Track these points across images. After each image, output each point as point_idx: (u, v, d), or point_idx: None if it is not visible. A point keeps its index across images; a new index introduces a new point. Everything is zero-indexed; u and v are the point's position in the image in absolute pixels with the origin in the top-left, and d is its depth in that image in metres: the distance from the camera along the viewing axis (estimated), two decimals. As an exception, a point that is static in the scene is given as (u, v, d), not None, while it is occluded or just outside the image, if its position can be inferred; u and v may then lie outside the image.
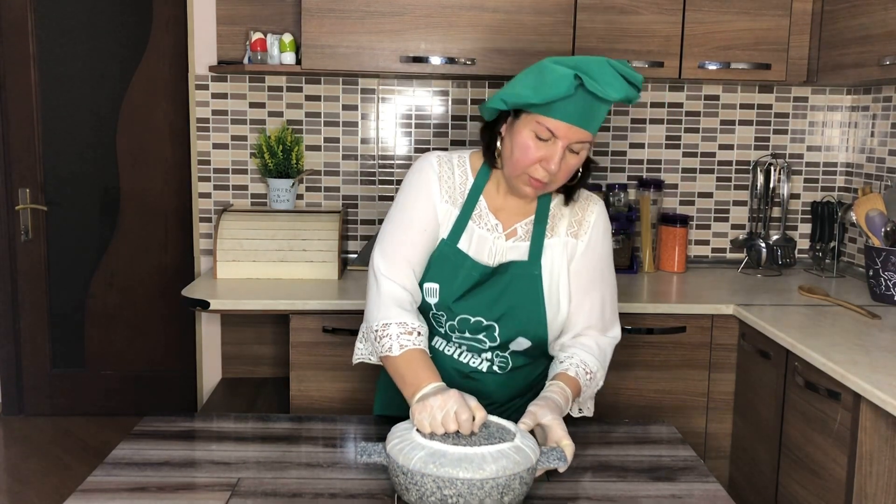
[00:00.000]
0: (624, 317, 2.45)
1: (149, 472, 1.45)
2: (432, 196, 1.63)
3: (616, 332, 1.71)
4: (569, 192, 1.65)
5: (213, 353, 3.08)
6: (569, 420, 1.65)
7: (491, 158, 1.63)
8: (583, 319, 1.65)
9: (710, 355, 2.50)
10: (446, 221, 1.64)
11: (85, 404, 3.76)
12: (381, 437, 1.60)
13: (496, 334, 1.64)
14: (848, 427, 1.85)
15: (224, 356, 3.08)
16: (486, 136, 1.63)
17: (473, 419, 1.35)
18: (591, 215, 1.67)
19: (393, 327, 1.56)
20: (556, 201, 1.66)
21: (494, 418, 1.41)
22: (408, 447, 1.29)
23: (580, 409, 1.70)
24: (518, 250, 1.64)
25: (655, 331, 2.48)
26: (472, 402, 1.38)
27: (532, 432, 1.45)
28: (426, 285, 1.64)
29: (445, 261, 1.63)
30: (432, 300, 1.64)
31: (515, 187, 1.58)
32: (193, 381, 3.54)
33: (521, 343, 1.65)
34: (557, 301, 1.64)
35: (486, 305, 1.61)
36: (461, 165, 1.67)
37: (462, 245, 1.63)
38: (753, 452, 2.37)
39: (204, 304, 2.44)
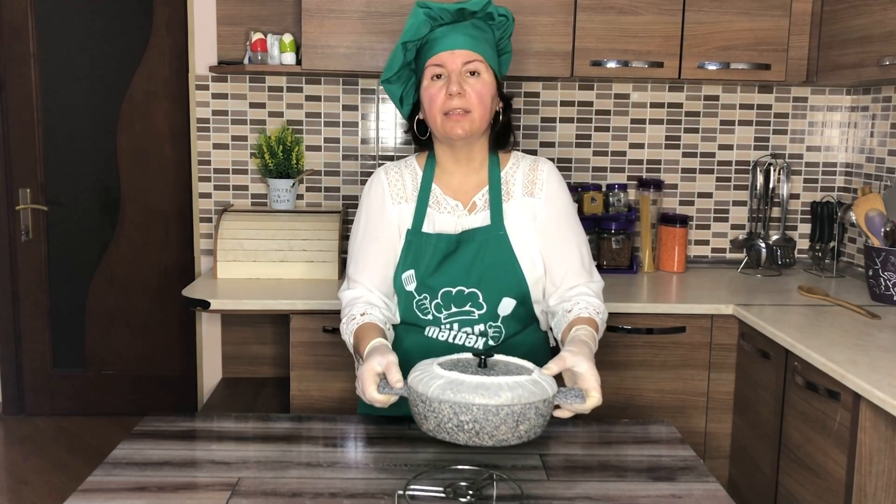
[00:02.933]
0: (624, 317, 2.47)
1: (149, 472, 1.45)
2: (381, 204, 1.76)
3: (599, 278, 1.77)
4: (498, 138, 1.75)
5: (213, 353, 3.08)
6: (567, 419, 1.65)
7: (419, 141, 1.76)
8: (565, 271, 1.72)
9: (709, 355, 2.50)
10: (406, 218, 1.74)
11: (85, 404, 3.76)
12: (379, 437, 1.61)
13: (481, 300, 1.69)
14: (848, 427, 1.85)
15: (224, 356, 3.08)
16: (409, 126, 1.77)
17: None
18: (542, 173, 1.76)
19: (343, 327, 1.71)
20: (507, 168, 1.76)
21: (516, 359, 1.44)
22: (427, 377, 1.33)
23: None
24: (481, 219, 1.73)
25: (655, 331, 2.48)
26: (391, 361, 1.45)
27: (560, 377, 1.48)
28: (404, 275, 1.71)
29: (413, 246, 1.72)
30: (411, 286, 1.71)
31: (447, 135, 1.67)
32: (193, 381, 3.54)
33: (508, 305, 1.70)
34: (531, 259, 1.71)
35: (463, 273, 1.68)
36: (409, 166, 1.79)
37: (426, 229, 1.73)
38: (753, 452, 2.37)
39: (204, 304, 2.44)
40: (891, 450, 1.80)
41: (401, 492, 1.36)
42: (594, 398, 1.40)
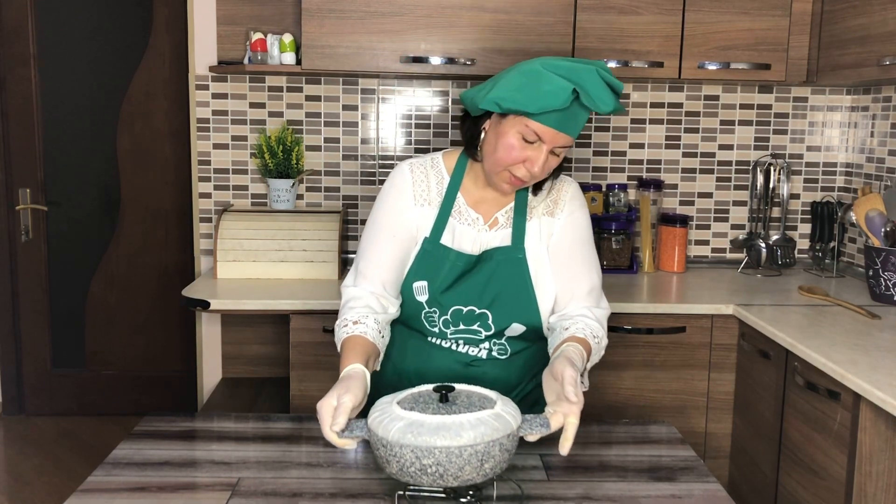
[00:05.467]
0: (624, 317, 2.46)
1: (149, 472, 1.45)
2: (404, 202, 1.68)
3: (606, 304, 1.72)
4: (539, 184, 1.69)
5: (213, 353, 3.08)
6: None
7: (472, 152, 1.66)
8: (571, 296, 1.67)
9: (709, 355, 2.50)
10: (426, 223, 1.68)
11: (85, 404, 3.76)
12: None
13: (490, 322, 1.65)
14: (848, 427, 1.85)
15: (224, 356, 3.08)
16: (469, 129, 1.65)
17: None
18: (566, 194, 1.71)
19: (336, 329, 1.63)
20: (532, 186, 1.70)
21: (478, 388, 1.40)
22: (387, 419, 1.29)
23: (581, 382, 1.71)
24: (501, 238, 1.67)
25: (655, 331, 2.48)
26: (343, 402, 1.36)
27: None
28: (415, 284, 1.66)
29: (430, 257, 1.66)
30: (422, 297, 1.66)
31: (494, 183, 1.62)
32: (193, 381, 3.54)
33: (516, 329, 1.67)
34: (546, 287, 1.66)
35: (476, 293, 1.64)
36: (435, 167, 1.71)
37: (445, 240, 1.67)
38: (753, 452, 2.37)
39: (204, 304, 2.44)
40: (891, 450, 1.80)
41: (401, 492, 1.36)
42: (572, 424, 1.35)
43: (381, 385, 1.75)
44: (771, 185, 2.99)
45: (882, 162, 2.86)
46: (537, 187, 1.69)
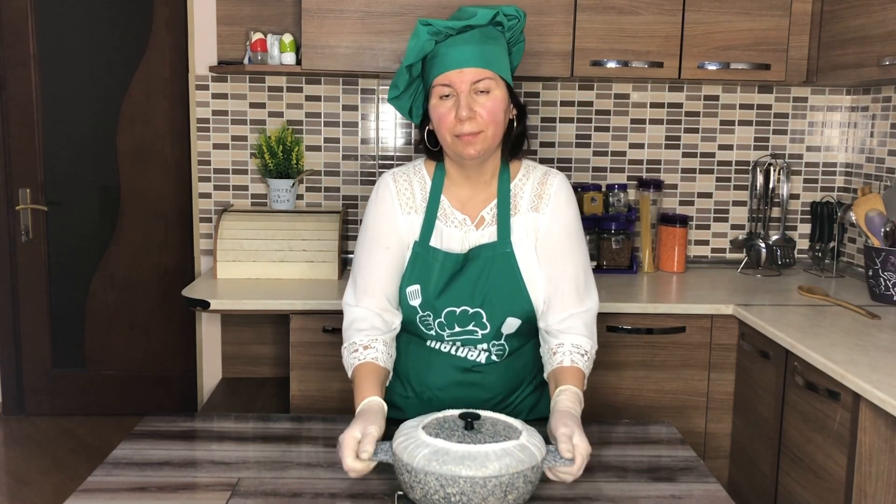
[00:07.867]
0: (624, 317, 2.47)
1: (149, 472, 1.45)
2: (392, 213, 1.69)
3: (593, 303, 1.70)
4: (513, 147, 1.69)
5: (213, 353, 3.08)
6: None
7: (431, 153, 1.70)
8: (555, 291, 1.65)
9: (709, 355, 2.50)
10: (415, 230, 1.68)
11: (85, 404, 3.76)
12: (379, 437, 1.61)
13: (485, 320, 1.65)
14: (847, 427, 1.85)
15: (224, 356, 3.08)
16: (422, 139, 1.71)
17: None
18: (551, 188, 1.69)
19: (345, 352, 1.64)
20: (516, 180, 1.70)
21: (503, 417, 1.40)
22: (412, 445, 1.29)
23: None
24: (488, 235, 1.67)
25: (655, 331, 2.48)
26: (369, 432, 1.38)
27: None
28: (408, 289, 1.66)
29: (420, 260, 1.66)
30: (416, 301, 1.66)
31: (459, 155, 1.62)
32: (193, 381, 3.54)
33: (512, 324, 1.66)
34: (535, 278, 1.65)
35: (468, 292, 1.63)
36: (417, 173, 1.72)
37: (434, 243, 1.67)
38: (753, 452, 2.37)
39: (204, 304, 2.44)
40: (891, 450, 1.80)
41: (400, 492, 1.36)
42: (577, 466, 1.35)
43: (386, 391, 1.75)
44: (771, 185, 2.99)
45: (882, 162, 2.86)
46: (514, 151, 1.70)
